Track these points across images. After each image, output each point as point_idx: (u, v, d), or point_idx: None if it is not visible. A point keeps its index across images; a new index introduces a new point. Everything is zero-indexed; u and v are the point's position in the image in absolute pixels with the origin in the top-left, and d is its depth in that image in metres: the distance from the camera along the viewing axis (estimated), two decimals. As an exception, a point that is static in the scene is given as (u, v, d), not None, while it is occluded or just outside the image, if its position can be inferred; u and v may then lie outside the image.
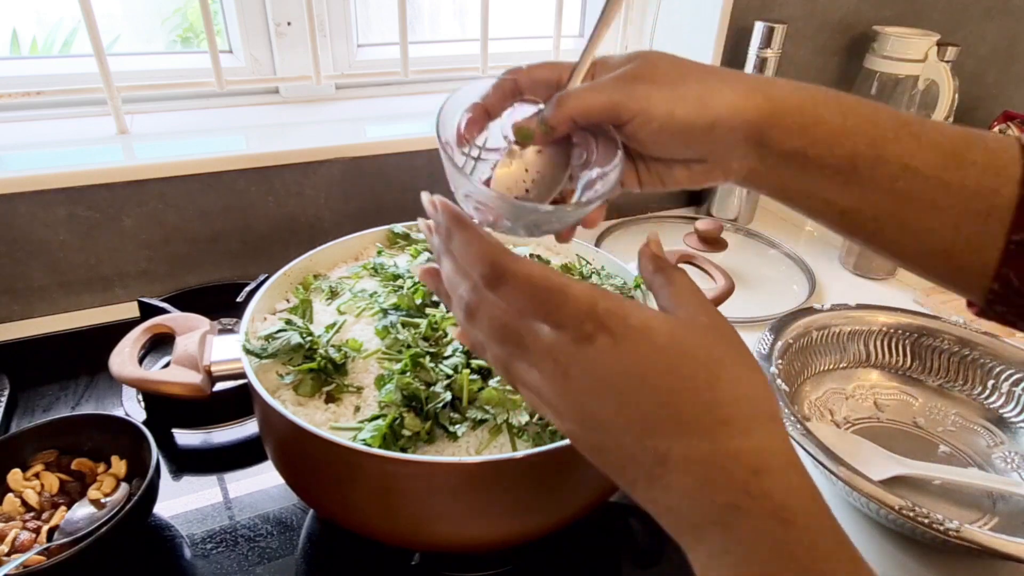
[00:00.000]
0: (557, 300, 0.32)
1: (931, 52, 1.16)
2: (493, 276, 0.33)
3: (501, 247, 0.34)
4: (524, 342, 0.33)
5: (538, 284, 0.32)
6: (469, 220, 0.35)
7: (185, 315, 0.59)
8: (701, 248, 1.01)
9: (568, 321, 0.31)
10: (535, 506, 0.49)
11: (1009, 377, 0.73)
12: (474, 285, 0.34)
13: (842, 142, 0.38)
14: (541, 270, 0.32)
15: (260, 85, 1.03)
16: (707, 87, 0.39)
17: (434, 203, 0.37)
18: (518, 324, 0.33)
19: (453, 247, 0.35)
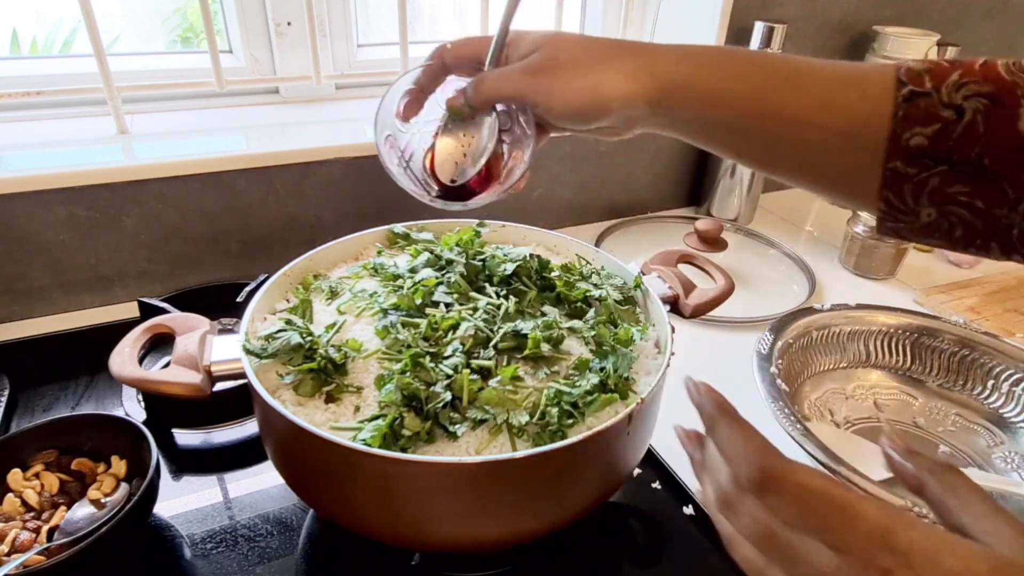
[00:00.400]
0: (841, 519, 0.29)
1: (931, 52, 1.16)
2: (762, 481, 0.32)
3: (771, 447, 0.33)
4: (793, 557, 0.30)
5: (818, 497, 0.30)
6: (736, 412, 0.38)
7: (185, 315, 0.59)
8: (701, 248, 1.01)
9: (855, 545, 0.29)
10: (535, 506, 0.49)
11: (1009, 377, 0.73)
12: (736, 480, 0.34)
13: (727, 105, 0.43)
14: (821, 481, 0.30)
15: (260, 85, 1.03)
16: (599, 77, 0.44)
17: (698, 387, 0.40)
18: (787, 536, 0.31)
19: (717, 437, 0.37)
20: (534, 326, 0.54)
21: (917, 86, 0.39)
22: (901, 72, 0.40)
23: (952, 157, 0.38)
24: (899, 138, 0.39)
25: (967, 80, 0.38)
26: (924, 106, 0.39)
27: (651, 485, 0.66)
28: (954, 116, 0.38)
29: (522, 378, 0.51)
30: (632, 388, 0.53)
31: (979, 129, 0.37)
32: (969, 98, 0.38)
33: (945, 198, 0.39)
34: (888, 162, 0.40)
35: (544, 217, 1.13)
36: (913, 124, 0.39)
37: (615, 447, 0.50)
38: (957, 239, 0.40)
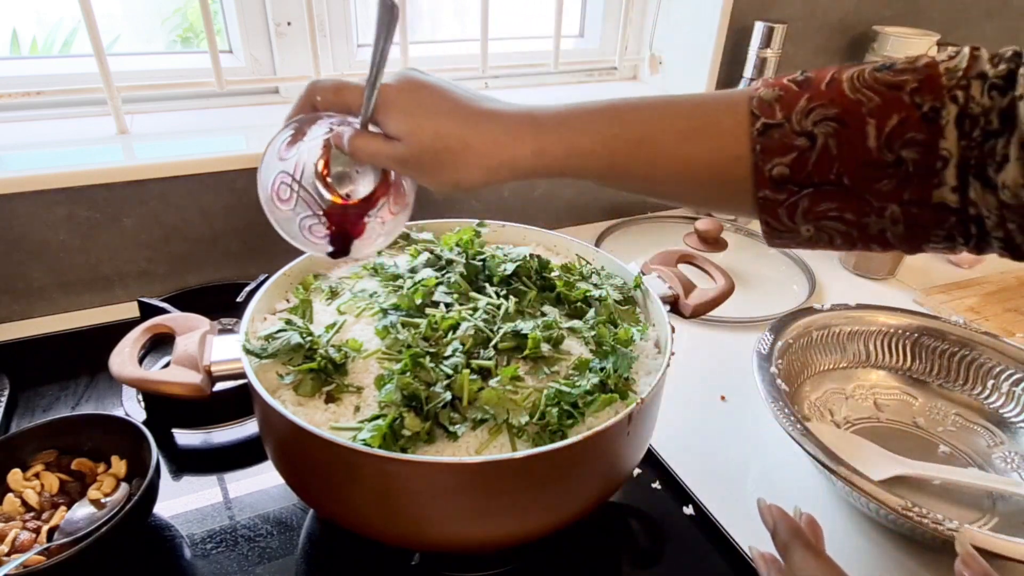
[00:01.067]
0: None
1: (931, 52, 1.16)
2: None
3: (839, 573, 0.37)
4: None
5: None
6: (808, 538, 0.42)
7: (185, 315, 0.59)
8: (701, 248, 1.01)
9: None
10: (535, 506, 0.49)
11: (1009, 377, 0.73)
12: None
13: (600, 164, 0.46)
14: None
15: (260, 85, 1.03)
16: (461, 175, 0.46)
17: (771, 510, 0.45)
18: None
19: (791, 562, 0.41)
20: (534, 326, 0.54)
21: (769, 118, 0.41)
22: (753, 104, 0.42)
23: (813, 180, 0.41)
24: (762, 170, 0.42)
25: (815, 105, 0.40)
26: (778, 136, 0.41)
27: (651, 485, 0.66)
28: (807, 143, 0.40)
29: (522, 378, 0.51)
30: (632, 388, 0.53)
31: (832, 152, 0.40)
32: (819, 123, 0.40)
33: (818, 215, 0.42)
34: (758, 191, 0.43)
35: (544, 217, 1.13)
36: (772, 156, 0.41)
37: (615, 447, 0.50)
38: (839, 245, 0.44)
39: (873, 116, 0.39)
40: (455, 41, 1.16)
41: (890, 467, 0.65)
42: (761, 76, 1.10)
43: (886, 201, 0.40)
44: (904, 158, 0.39)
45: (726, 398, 0.78)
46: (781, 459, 0.70)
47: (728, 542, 0.59)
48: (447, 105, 0.46)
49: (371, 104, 0.46)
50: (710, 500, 0.63)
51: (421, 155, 0.46)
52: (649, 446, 0.65)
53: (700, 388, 0.80)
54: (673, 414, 0.70)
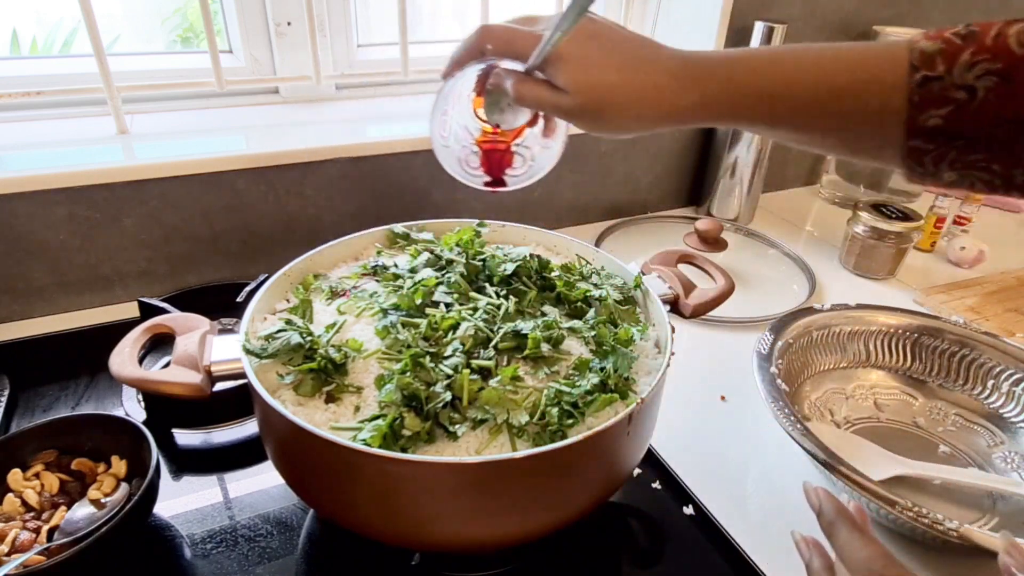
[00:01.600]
0: None
1: (931, 52, 1.16)
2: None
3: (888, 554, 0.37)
4: None
5: None
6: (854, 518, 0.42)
7: (185, 315, 0.59)
8: (701, 248, 1.01)
9: None
10: (535, 506, 0.49)
11: (1009, 377, 0.73)
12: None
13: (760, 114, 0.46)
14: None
15: (260, 85, 1.03)
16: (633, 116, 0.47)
17: (817, 492, 0.45)
18: None
19: (837, 542, 0.41)
20: (534, 326, 0.54)
21: (929, 70, 0.41)
22: (914, 56, 0.41)
23: (967, 133, 0.40)
24: (915, 120, 0.41)
25: (979, 59, 0.39)
26: (937, 89, 0.40)
27: (651, 485, 0.66)
28: (966, 97, 0.39)
29: (522, 378, 0.51)
30: (632, 388, 0.53)
31: (991, 106, 0.39)
32: (981, 76, 0.39)
33: (965, 165, 0.41)
34: (908, 140, 0.42)
35: (544, 217, 1.13)
36: (928, 107, 0.41)
37: (615, 447, 0.50)
38: (979, 190, 0.43)
39: None
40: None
41: (890, 467, 0.65)
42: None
43: None
44: None
45: (726, 398, 0.78)
46: (781, 459, 0.70)
47: (728, 542, 0.59)
48: (615, 59, 0.47)
49: (543, 55, 0.46)
50: (710, 500, 0.63)
51: (585, 107, 0.47)
52: (649, 446, 0.65)
53: (700, 388, 0.80)
54: (673, 414, 0.70)
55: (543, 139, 0.56)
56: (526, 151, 0.56)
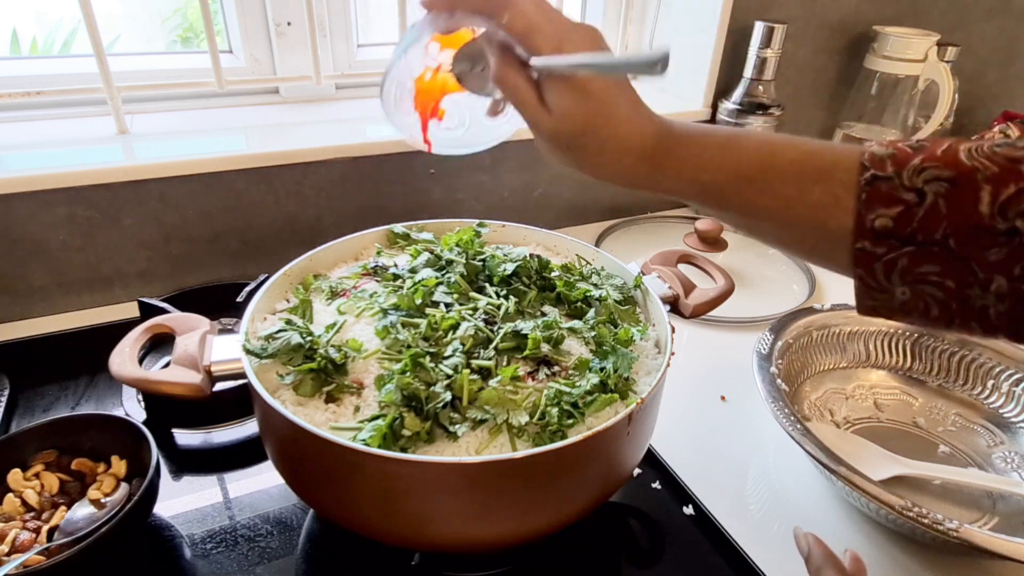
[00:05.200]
0: None
1: (931, 52, 1.16)
2: None
3: None
4: None
5: None
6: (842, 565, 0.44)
7: (185, 315, 0.59)
8: (701, 248, 1.01)
9: None
10: (535, 506, 0.49)
11: (1009, 377, 0.73)
12: None
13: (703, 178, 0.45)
14: None
15: (260, 85, 1.03)
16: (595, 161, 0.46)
17: (807, 538, 0.46)
18: None
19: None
20: (534, 326, 0.54)
21: (879, 171, 0.40)
22: (864, 157, 0.41)
23: (917, 238, 0.39)
24: (864, 219, 0.40)
25: (928, 165, 0.39)
26: (886, 189, 0.40)
27: (651, 485, 0.66)
28: (916, 199, 0.39)
29: (522, 378, 0.51)
30: (632, 388, 0.53)
31: (941, 211, 0.39)
32: (930, 182, 0.39)
33: (916, 277, 0.40)
34: (856, 242, 0.41)
35: (544, 217, 1.13)
36: (876, 206, 0.40)
37: (615, 447, 0.50)
38: (936, 318, 0.41)
39: (989, 183, 0.38)
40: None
41: (890, 467, 0.65)
42: (761, 76, 1.10)
43: (993, 272, 0.38)
44: (1019, 228, 0.37)
45: (726, 398, 0.78)
46: (781, 459, 0.70)
47: (728, 542, 0.59)
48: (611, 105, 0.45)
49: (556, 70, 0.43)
50: (710, 500, 0.63)
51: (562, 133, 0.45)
52: (649, 446, 0.65)
53: (700, 388, 0.80)
54: (673, 414, 0.70)
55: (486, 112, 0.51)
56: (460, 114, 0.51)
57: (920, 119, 1.26)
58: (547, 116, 0.44)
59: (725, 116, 1.15)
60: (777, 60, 1.09)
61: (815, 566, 0.44)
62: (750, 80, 1.11)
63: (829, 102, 1.32)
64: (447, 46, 0.49)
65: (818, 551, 0.45)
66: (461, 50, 0.48)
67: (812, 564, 0.45)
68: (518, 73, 0.44)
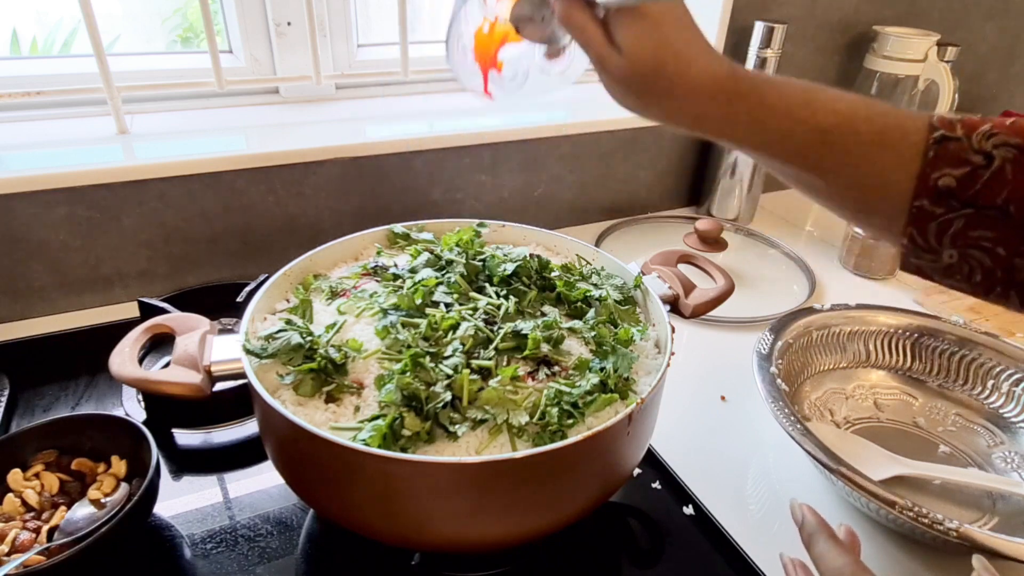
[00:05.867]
0: None
1: (931, 52, 1.16)
2: None
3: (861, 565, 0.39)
4: None
5: None
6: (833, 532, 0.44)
7: (185, 315, 0.59)
8: (701, 248, 1.01)
9: None
10: (535, 506, 0.49)
11: (1009, 377, 0.73)
12: None
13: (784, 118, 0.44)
14: None
15: (260, 85, 1.03)
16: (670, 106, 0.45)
17: (802, 508, 0.47)
18: None
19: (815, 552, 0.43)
20: (534, 326, 0.54)
21: (949, 131, 0.40)
22: (934, 119, 0.41)
23: (978, 200, 0.39)
24: (927, 176, 0.40)
25: (997, 131, 0.39)
26: (954, 149, 0.40)
27: (651, 485, 0.66)
28: (983, 161, 0.39)
29: (522, 378, 0.51)
30: (632, 388, 0.53)
31: (1007, 176, 0.39)
32: (999, 147, 0.39)
33: (968, 241, 0.40)
34: (915, 199, 0.41)
35: (544, 217, 1.13)
36: (942, 165, 0.40)
37: (615, 447, 0.50)
38: (977, 284, 0.42)
39: None
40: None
41: (890, 467, 0.65)
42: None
43: None
44: None
45: (726, 398, 0.78)
46: (781, 459, 0.70)
47: (728, 542, 0.59)
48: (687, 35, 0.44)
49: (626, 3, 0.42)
50: (710, 500, 0.63)
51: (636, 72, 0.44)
52: (649, 446, 0.65)
53: (700, 388, 0.80)
54: (673, 414, 0.70)
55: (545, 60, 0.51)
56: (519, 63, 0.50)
57: (920, 119, 1.26)
58: (616, 55, 0.43)
59: (725, 116, 1.15)
60: (777, 60, 1.09)
61: (808, 532, 0.45)
62: (750, 80, 1.11)
63: (829, 102, 1.31)
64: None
65: (812, 519, 0.45)
66: None
67: (805, 531, 0.45)
68: (585, 12, 0.44)
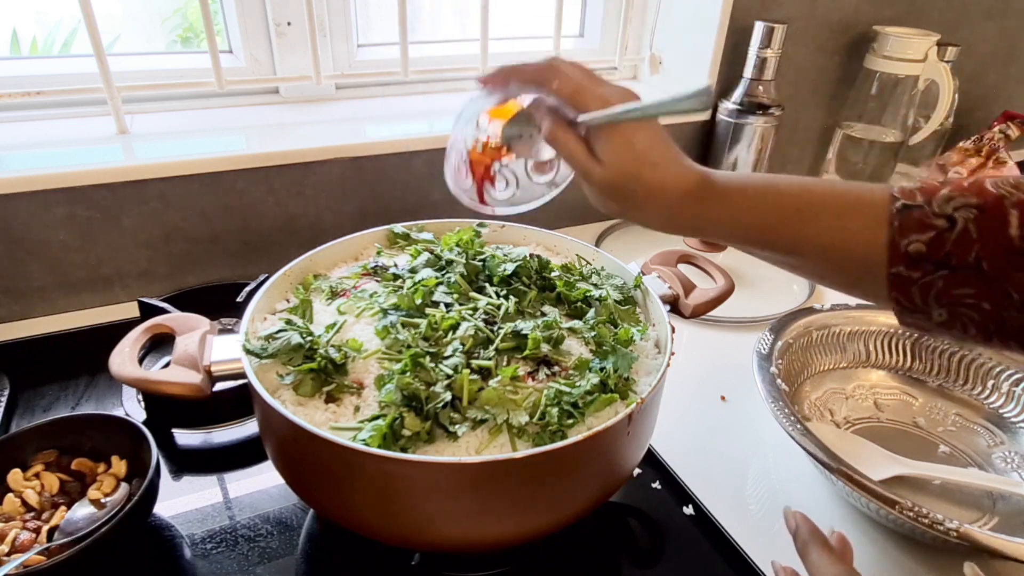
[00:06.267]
0: None
1: (931, 52, 1.16)
2: None
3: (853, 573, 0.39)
4: None
5: None
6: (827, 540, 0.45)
7: (185, 315, 0.59)
8: (701, 248, 1.01)
9: None
10: (535, 506, 0.49)
11: (1009, 377, 0.73)
12: None
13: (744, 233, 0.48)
14: None
15: (260, 85, 1.03)
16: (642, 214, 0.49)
17: (795, 516, 0.47)
18: None
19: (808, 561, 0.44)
20: (534, 326, 0.54)
21: (909, 200, 0.42)
22: (894, 190, 0.43)
23: (951, 261, 0.40)
24: (898, 244, 0.42)
25: (955, 194, 0.41)
26: (917, 216, 0.42)
27: (651, 485, 0.66)
28: (946, 224, 0.41)
29: (522, 378, 0.51)
30: (632, 388, 0.53)
31: (972, 235, 0.40)
32: (959, 208, 0.40)
33: (952, 299, 0.41)
34: (891, 267, 0.43)
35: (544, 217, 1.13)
36: (909, 232, 0.42)
37: (615, 447, 0.50)
38: (974, 336, 0.42)
39: (1016, 208, 0.39)
40: (455, 41, 1.16)
41: (890, 467, 0.65)
42: (761, 76, 1.10)
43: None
44: None
45: (726, 398, 0.78)
46: (781, 459, 0.70)
47: (728, 542, 0.59)
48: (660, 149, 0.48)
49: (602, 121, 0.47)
50: (710, 500, 0.63)
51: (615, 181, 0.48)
52: (649, 446, 0.65)
53: (700, 388, 0.80)
54: (673, 414, 0.70)
55: (534, 172, 0.56)
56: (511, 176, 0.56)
57: (920, 119, 1.26)
58: (597, 166, 0.48)
59: (725, 116, 1.15)
60: (777, 60, 1.09)
61: (802, 541, 0.45)
62: (750, 80, 1.11)
63: (829, 102, 1.32)
64: (496, 117, 0.54)
65: (805, 527, 0.46)
66: (511, 120, 0.53)
67: (799, 540, 0.46)
68: (568, 131, 0.49)
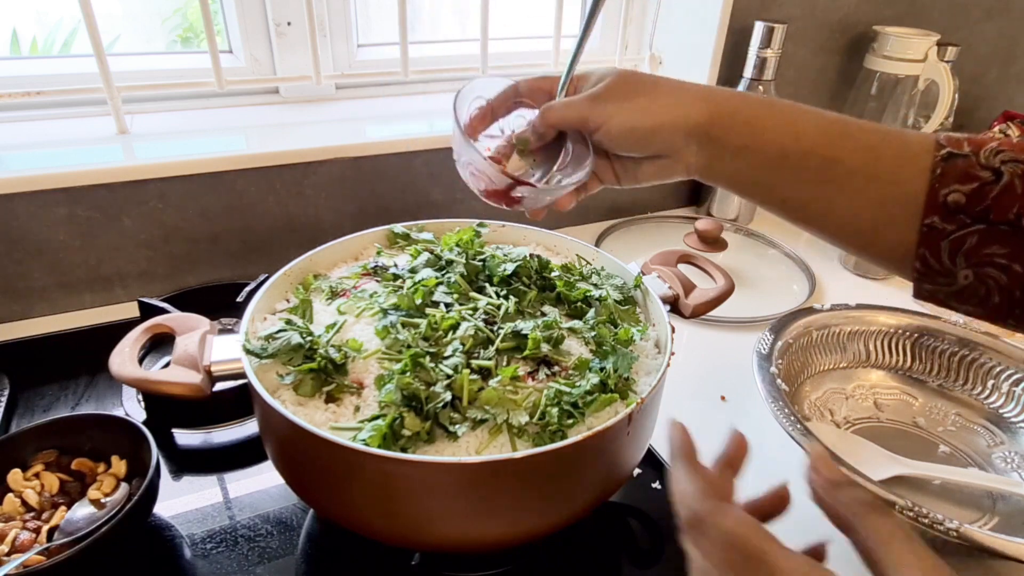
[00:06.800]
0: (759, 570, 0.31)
1: (931, 52, 1.16)
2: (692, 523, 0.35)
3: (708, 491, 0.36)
4: None
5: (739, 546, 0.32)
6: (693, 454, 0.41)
7: (185, 315, 0.59)
8: (701, 248, 1.01)
9: None
10: (535, 506, 0.49)
11: (1009, 377, 0.73)
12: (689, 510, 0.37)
13: (772, 138, 0.45)
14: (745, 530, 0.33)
15: (260, 85, 1.03)
16: (652, 99, 0.47)
17: (674, 425, 0.43)
18: None
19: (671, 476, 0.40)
20: (534, 326, 0.54)
21: (956, 148, 0.40)
22: (941, 137, 0.41)
23: (990, 216, 0.39)
24: (936, 194, 0.40)
25: (1004, 148, 0.39)
26: (962, 166, 0.39)
27: (651, 485, 0.66)
28: (992, 177, 0.39)
29: (522, 378, 0.51)
30: (632, 388, 0.53)
31: (1017, 190, 0.38)
32: (1007, 163, 0.39)
33: (982, 259, 0.39)
34: (925, 217, 0.40)
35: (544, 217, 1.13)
36: (951, 181, 0.40)
37: (615, 447, 0.50)
38: (994, 306, 0.41)
39: None
40: (455, 41, 1.16)
41: (890, 467, 0.65)
42: (761, 76, 1.10)
43: None
44: None
45: (726, 398, 0.78)
46: (781, 459, 0.70)
47: (728, 542, 0.59)
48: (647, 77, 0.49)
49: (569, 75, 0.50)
50: (710, 500, 0.63)
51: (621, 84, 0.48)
52: (649, 446, 0.65)
53: (700, 388, 0.80)
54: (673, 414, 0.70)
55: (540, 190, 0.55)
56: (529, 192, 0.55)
57: (920, 119, 1.26)
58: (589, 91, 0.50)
59: (725, 116, 1.15)
60: (777, 60, 1.09)
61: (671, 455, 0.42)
62: (750, 80, 1.11)
63: (829, 102, 1.31)
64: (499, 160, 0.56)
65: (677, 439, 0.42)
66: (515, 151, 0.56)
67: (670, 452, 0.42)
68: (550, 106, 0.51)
